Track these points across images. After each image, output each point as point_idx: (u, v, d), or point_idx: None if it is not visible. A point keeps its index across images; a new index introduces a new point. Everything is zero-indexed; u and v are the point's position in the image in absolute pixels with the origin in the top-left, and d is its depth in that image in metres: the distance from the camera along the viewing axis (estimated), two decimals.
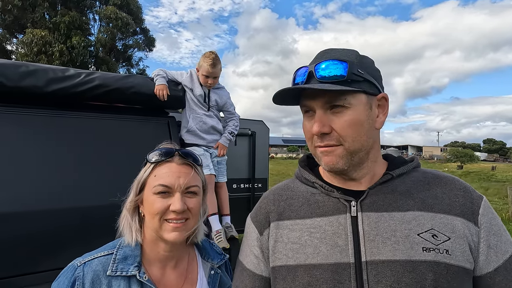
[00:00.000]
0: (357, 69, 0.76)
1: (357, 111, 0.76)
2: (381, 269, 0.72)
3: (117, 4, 19.04)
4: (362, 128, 0.77)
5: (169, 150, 0.98)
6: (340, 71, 0.75)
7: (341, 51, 0.81)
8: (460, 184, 0.81)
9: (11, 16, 16.88)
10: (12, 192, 1.66)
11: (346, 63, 0.75)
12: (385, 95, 0.82)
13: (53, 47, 16.63)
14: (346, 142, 0.77)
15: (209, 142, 2.66)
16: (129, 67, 22.34)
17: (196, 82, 2.63)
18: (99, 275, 0.89)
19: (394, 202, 0.78)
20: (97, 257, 0.92)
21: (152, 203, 0.92)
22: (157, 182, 0.93)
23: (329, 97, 0.76)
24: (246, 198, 3.39)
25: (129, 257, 0.93)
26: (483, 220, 0.75)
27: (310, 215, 0.83)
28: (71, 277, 0.88)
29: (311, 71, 0.78)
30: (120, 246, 0.96)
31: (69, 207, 1.77)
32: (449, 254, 0.71)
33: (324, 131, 0.76)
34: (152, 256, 0.97)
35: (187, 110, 2.64)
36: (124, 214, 1.00)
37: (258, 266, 0.89)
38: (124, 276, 0.90)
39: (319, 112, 0.77)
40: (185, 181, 0.93)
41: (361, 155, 0.79)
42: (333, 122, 0.76)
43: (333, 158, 0.78)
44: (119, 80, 2.15)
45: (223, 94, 2.77)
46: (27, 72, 1.89)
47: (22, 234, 1.63)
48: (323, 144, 0.78)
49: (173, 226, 0.91)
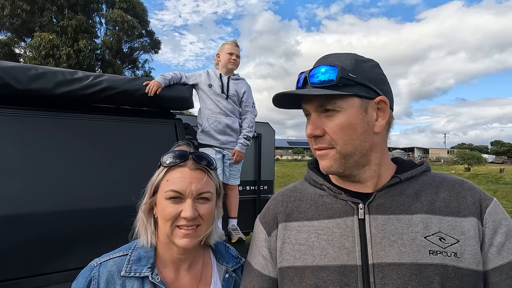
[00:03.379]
0: (347, 73, 0.76)
1: (349, 115, 0.77)
2: (387, 272, 0.72)
3: (123, 8, 19.24)
4: (355, 131, 0.78)
5: (183, 153, 0.97)
6: (329, 76, 0.77)
7: (339, 55, 0.82)
8: (468, 185, 0.81)
9: (19, 20, 17.12)
10: (18, 193, 1.68)
11: (336, 67, 0.77)
12: (383, 98, 0.80)
13: (60, 50, 16.84)
14: (338, 145, 0.79)
15: (223, 143, 2.65)
16: (134, 69, 22.52)
17: (213, 76, 2.70)
18: (114, 275, 0.90)
19: (401, 205, 0.78)
20: (113, 258, 0.94)
21: (164, 208, 0.92)
22: (168, 188, 0.92)
23: (320, 101, 0.78)
24: (252, 200, 3.39)
25: (143, 259, 0.94)
26: (489, 218, 0.75)
27: (318, 217, 0.83)
28: (87, 277, 0.90)
29: (306, 76, 0.81)
30: (135, 247, 0.97)
31: (75, 209, 1.78)
32: (457, 257, 0.71)
33: (316, 134, 0.80)
34: (166, 258, 0.98)
35: (203, 111, 2.67)
36: (139, 216, 1.00)
37: (266, 267, 0.89)
38: (138, 277, 0.91)
39: (313, 115, 0.81)
40: (197, 187, 0.92)
41: (356, 158, 0.80)
42: (326, 125, 0.79)
43: (328, 162, 0.81)
44: (126, 83, 2.17)
45: (243, 85, 2.81)
46: (36, 75, 1.92)
47: (34, 235, 1.65)
48: (317, 147, 0.82)
49: (184, 233, 0.91)
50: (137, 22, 19.43)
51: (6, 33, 18.37)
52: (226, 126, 2.65)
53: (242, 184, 3.24)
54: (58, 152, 1.87)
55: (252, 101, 2.86)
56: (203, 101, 2.67)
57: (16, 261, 1.59)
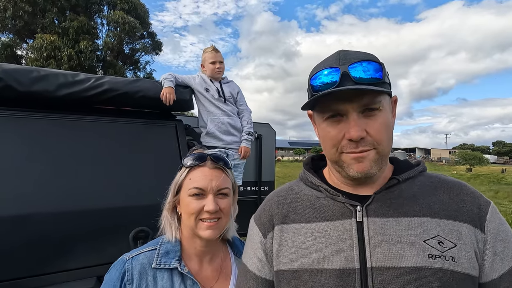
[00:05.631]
0: (386, 70, 0.76)
1: (387, 114, 0.77)
2: (386, 276, 0.71)
3: (124, 9, 19.29)
4: (391, 130, 0.79)
5: (202, 155, 1.08)
6: (377, 72, 0.74)
7: (362, 52, 0.79)
8: (467, 189, 0.80)
9: (21, 22, 17.19)
10: (19, 194, 1.69)
11: (380, 65, 0.74)
12: (396, 97, 0.84)
13: (62, 51, 16.90)
14: (380, 145, 0.75)
15: (228, 143, 2.70)
16: (136, 70, 22.58)
17: (208, 81, 2.73)
18: (146, 267, 1.00)
19: (400, 208, 0.77)
20: (143, 252, 1.04)
21: (188, 204, 1.03)
22: (192, 185, 1.03)
23: (367, 99, 0.73)
24: (252, 201, 3.39)
25: (171, 252, 1.05)
26: (490, 226, 0.74)
27: (315, 219, 0.82)
28: (121, 269, 0.99)
29: (345, 71, 0.74)
30: (162, 242, 1.07)
31: (75, 210, 1.79)
32: (455, 262, 0.70)
33: (363, 136, 0.73)
34: (190, 251, 1.08)
35: (204, 114, 2.70)
36: (164, 214, 1.11)
37: (262, 269, 0.88)
38: (167, 269, 1.01)
39: (354, 115, 0.74)
40: (217, 183, 1.04)
41: (387, 158, 0.80)
42: (368, 126, 0.74)
43: (367, 164, 0.75)
44: (127, 84, 2.18)
45: (234, 86, 2.87)
46: (38, 77, 1.93)
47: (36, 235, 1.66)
48: (358, 150, 0.75)
49: (207, 225, 1.02)
50: (139, 23, 19.47)
51: (8, 35, 18.45)
52: (229, 125, 2.71)
53: (243, 185, 3.25)
54: (58, 154, 1.88)
55: (245, 100, 2.95)
56: (202, 104, 2.70)
57: (15, 261, 1.60)
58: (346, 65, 0.74)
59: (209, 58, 2.72)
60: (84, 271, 1.69)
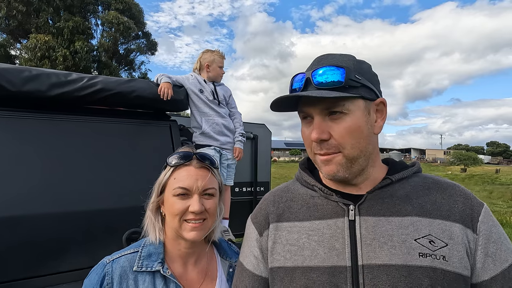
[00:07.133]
0: (354, 74, 0.76)
1: (356, 117, 0.76)
2: (377, 273, 0.72)
3: (119, 9, 19.21)
4: (361, 134, 0.77)
5: (187, 153, 1.04)
6: (337, 77, 0.75)
7: (338, 56, 0.80)
8: (460, 190, 0.81)
9: (15, 22, 17.05)
10: (13, 195, 1.66)
11: (343, 69, 0.75)
12: (383, 100, 0.82)
13: (56, 52, 16.77)
14: (345, 149, 0.76)
15: (222, 143, 2.74)
16: (131, 71, 22.48)
17: (203, 82, 2.75)
18: (126, 270, 0.96)
19: (392, 207, 0.78)
20: (124, 255, 1.00)
21: (172, 204, 0.99)
22: (176, 185, 0.99)
23: (328, 103, 0.75)
24: (248, 202, 3.38)
25: (153, 254, 1.00)
26: (482, 227, 0.75)
27: (309, 218, 0.83)
28: (101, 273, 0.95)
29: (308, 77, 0.78)
30: (144, 244, 1.03)
31: (68, 211, 1.77)
32: (446, 260, 0.71)
33: (323, 138, 0.76)
34: (174, 253, 1.04)
35: (197, 115, 2.71)
36: (147, 214, 1.06)
37: (258, 267, 0.89)
38: (149, 272, 0.98)
39: (318, 118, 0.77)
40: (202, 183, 1.00)
41: (360, 162, 0.79)
42: (332, 129, 0.76)
43: (333, 167, 0.78)
44: (121, 84, 2.16)
45: (227, 89, 2.93)
46: (30, 77, 1.90)
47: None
48: (322, 152, 0.78)
49: (192, 226, 0.98)
50: (133, 23, 19.39)
51: (2, 35, 18.30)
52: (223, 127, 2.74)
53: (239, 186, 3.25)
54: (51, 154, 1.86)
55: (235, 102, 3.03)
56: (196, 105, 2.70)
57: (13, 262, 1.58)
58: (311, 71, 0.78)
59: (218, 62, 2.80)
60: (76, 274, 1.67)
